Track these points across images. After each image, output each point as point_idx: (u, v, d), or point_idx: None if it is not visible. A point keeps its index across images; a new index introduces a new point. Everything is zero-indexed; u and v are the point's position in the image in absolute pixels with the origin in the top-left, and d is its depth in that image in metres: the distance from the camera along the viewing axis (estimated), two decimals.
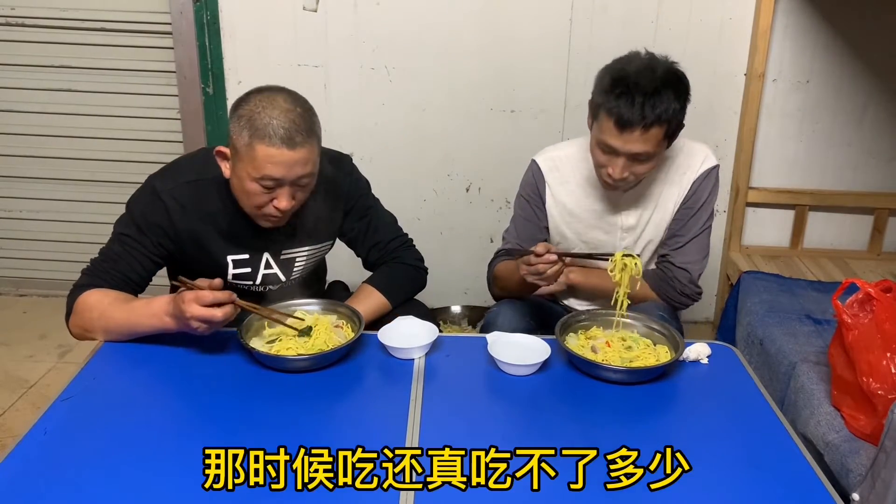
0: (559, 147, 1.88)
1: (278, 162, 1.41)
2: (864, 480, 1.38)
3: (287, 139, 1.40)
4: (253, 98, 1.44)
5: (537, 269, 1.59)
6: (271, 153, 1.40)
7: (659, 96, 1.57)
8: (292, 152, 1.41)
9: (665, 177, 1.80)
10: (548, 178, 1.84)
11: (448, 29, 2.61)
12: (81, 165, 2.90)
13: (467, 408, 1.37)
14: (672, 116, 1.60)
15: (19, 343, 2.73)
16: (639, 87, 1.57)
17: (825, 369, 1.76)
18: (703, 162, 1.79)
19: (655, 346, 1.54)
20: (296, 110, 1.43)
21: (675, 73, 1.63)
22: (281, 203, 1.46)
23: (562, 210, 1.84)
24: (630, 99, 1.56)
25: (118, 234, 1.57)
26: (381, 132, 2.74)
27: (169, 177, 1.58)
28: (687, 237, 1.81)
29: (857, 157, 2.73)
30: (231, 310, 1.38)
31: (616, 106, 1.58)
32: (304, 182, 1.48)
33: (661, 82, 1.58)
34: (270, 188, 1.45)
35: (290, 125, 1.40)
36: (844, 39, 2.58)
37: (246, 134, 1.41)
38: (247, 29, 2.64)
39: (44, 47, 2.75)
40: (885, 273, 2.62)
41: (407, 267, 1.77)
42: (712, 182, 1.80)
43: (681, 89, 1.62)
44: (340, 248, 1.83)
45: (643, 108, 1.56)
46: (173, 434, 1.27)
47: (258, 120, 1.40)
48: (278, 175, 1.43)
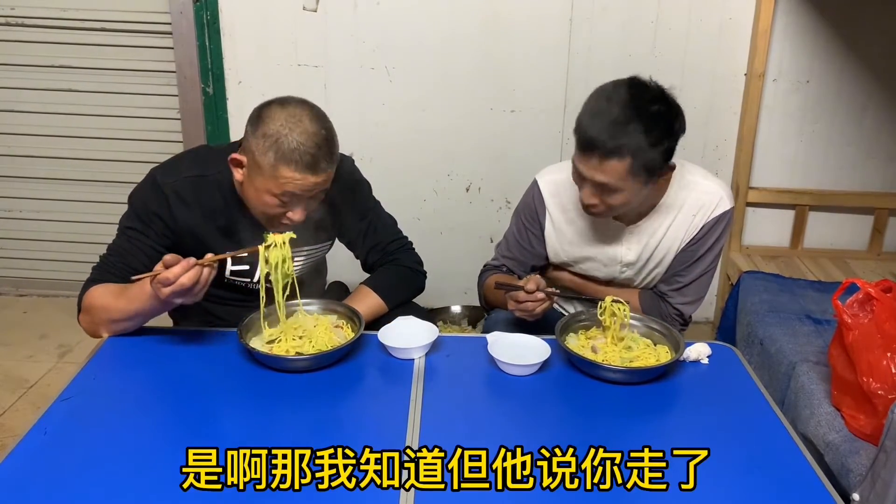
0: (562, 169, 1.75)
1: (300, 185, 1.45)
2: (864, 480, 1.38)
3: (312, 165, 1.43)
4: (277, 115, 1.44)
5: (526, 306, 1.57)
6: (295, 177, 1.44)
7: (624, 127, 1.46)
8: (315, 178, 1.45)
9: (674, 214, 1.68)
10: (548, 204, 1.74)
11: (448, 29, 2.61)
12: (81, 165, 2.90)
13: (467, 408, 1.37)
14: (637, 152, 1.47)
15: (19, 343, 2.73)
16: (609, 113, 1.48)
17: (825, 369, 1.76)
18: (717, 205, 1.66)
19: (655, 346, 1.54)
20: (321, 133, 1.45)
21: (657, 110, 1.49)
22: (296, 216, 1.51)
23: (561, 238, 1.76)
24: (596, 122, 1.48)
25: (123, 229, 1.58)
26: (381, 132, 2.74)
27: (171, 170, 1.59)
28: (687, 279, 1.73)
29: (857, 157, 2.73)
30: (196, 272, 1.37)
31: (583, 125, 1.51)
32: (319, 196, 1.53)
33: (634, 112, 1.47)
34: (287, 202, 1.48)
35: (315, 151, 1.43)
36: (844, 39, 2.58)
37: (272, 155, 1.43)
38: (247, 29, 2.64)
39: (44, 47, 2.75)
40: (885, 273, 2.63)
41: (405, 269, 1.77)
42: (723, 225, 1.68)
43: (657, 126, 1.48)
44: (340, 248, 1.83)
45: (604, 135, 1.47)
46: (173, 434, 1.27)
47: (284, 143, 1.42)
48: (299, 193, 1.47)
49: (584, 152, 1.52)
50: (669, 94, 1.54)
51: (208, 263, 1.40)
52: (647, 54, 2.60)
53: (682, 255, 1.71)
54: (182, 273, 1.35)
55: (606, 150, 1.47)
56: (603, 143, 1.47)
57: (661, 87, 1.54)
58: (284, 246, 1.46)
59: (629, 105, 1.48)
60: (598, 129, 1.48)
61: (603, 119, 1.48)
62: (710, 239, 1.69)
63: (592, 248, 1.75)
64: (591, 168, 1.52)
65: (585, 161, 1.52)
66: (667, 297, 1.76)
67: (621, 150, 1.47)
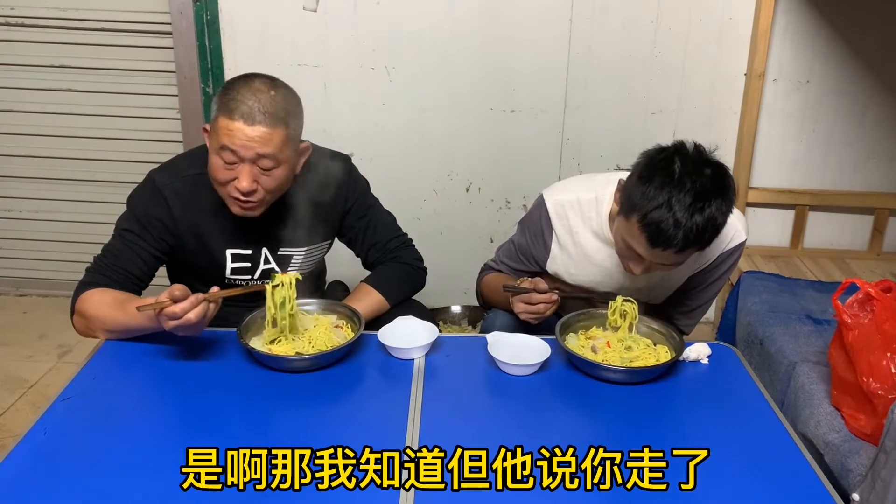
0: (570, 188, 1.68)
1: (234, 136, 1.44)
2: (864, 480, 1.38)
3: (247, 115, 1.44)
4: (234, 80, 1.49)
5: (538, 308, 1.55)
6: (230, 126, 1.44)
7: (703, 230, 1.37)
8: (250, 128, 1.44)
9: None
10: (555, 225, 1.67)
11: (448, 29, 2.61)
12: (81, 165, 2.90)
13: (467, 408, 1.37)
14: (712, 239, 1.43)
15: (19, 343, 2.73)
16: (683, 206, 1.36)
17: (825, 369, 1.76)
18: (732, 238, 1.62)
19: (655, 346, 1.54)
20: (268, 93, 1.46)
21: (724, 185, 1.40)
22: (241, 183, 1.47)
23: (566, 260, 1.70)
24: (670, 218, 1.36)
25: (120, 231, 1.57)
26: (381, 132, 2.74)
27: (169, 171, 1.59)
28: (695, 304, 1.73)
29: (857, 157, 2.73)
30: (203, 308, 1.37)
31: (651, 217, 1.38)
32: (266, 165, 1.48)
33: (709, 205, 1.37)
34: (230, 163, 1.46)
35: (254, 104, 1.44)
36: (844, 39, 2.58)
37: (215, 108, 1.47)
38: (247, 29, 2.64)
39: (44, 47, 2.74)
40: (885, 273, 2.62)
41: (405, 266, 1.77)
42: (737, 256, 1.65)
43: (729, 205, 1.40)
44: (340, 248, 1.83)
45: (681, 236, 1.37)
46: (173, 434, 1.27)
47: (228, 97, 1.45)
48: (233, 147, 1.44)
49: (653, 246, 1.40)
50: (718, 161, 1.43)
51: (214, 299, 1.40)
52: (647, 54, 2.60)
53: (693, 280, 1.69)
54: (190, 309, 1.35)
55: (684, 245, 1.39)
56: (683, 241, 1.38)
57: (711, 158, 1.42)
58: (291, 287, 1.47)
59: (702, 195, 1.36)
60: (675, 226, 1.36)
61: (678, 214, 1.36)
62: (722, 268, 1.67)
63: (599, 271, 1.68)
64: (657, 256, 1.44)
65: (651, 250, 1.42)
66: (674, 319, 1.76)
67: (701, 242, 1.41)
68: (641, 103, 2.67)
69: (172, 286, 1.36)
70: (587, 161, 2.74)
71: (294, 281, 1.48)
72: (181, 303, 1.34)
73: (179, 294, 1.34)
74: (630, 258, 1.51)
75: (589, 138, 2.72)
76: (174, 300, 1.34)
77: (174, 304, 1.34)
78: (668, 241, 1.38)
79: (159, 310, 1.36)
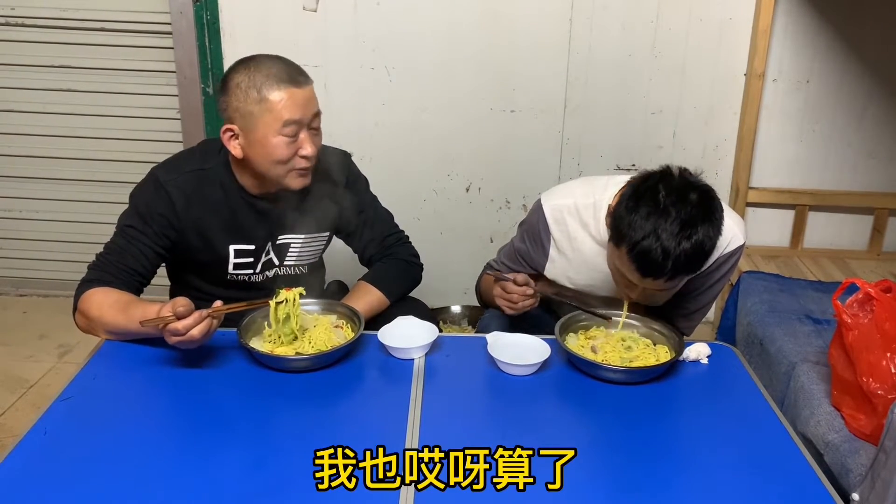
0: (568, 193, 1.67)
1: (295, 102, 1.47)
2: (864, 480, 1.38)
3: (292, 79, 1.48)
4: (237, 67, 1.51)
5: (511, 297, 1.57)
6: (284, 96, 1.46)
7: (690, 258, 1.38)
8: (301, 90, 1.48)
9: None
10: (553, 231, 1.66)
11: (448, 29, 2.61)
12: (81, 165, 2.90)
13: (467, 408, 1.37)
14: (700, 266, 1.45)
15: (19, 343, 2.73)
16: (670, 235, 1.35)
17: (825, 369, 1.76)
18: (730, 241, 1.60)
19: (655, 346, 1.54)
20: (280, 58, 1.51)
21: (712, 210, 1.40)
22: (307, 149, 1.51)
23: (565, 265, 1.68)
24: (657, 247, 1.36)
25: (122, 227, 1.57)
26: (381, 132, 2.74)
27: (172, 168, 1.59)
28: (693, 308, 1.71)
29: (857, 157, 2.73)
30: (206, 325, 1.36)
31: (640, 248, 1.38)
32: (316, 124, 1.55)
33: (696, 231, 1.37)
34: (293, 135, 1.49)
35: (287, 67, 1.49)
36: (844, 39, 2.58)
37: (254, 93, 1.47)
38: (247, 29, 2.63)
39: (44, 47, 2.75)
40: (885, 273, 2.62)
41: (402, 262, 1.78)
42: (735, 259, 1.64)
43: (718, 232, 1.41)
44: (339, 247, 1.84)
45: (670, 266, 1.37)
46: (173, 434, 1.27)
47: (258, 76, 1.47)
48: (298, 116, 1.48)
49: (644, 276, 1.41)
50: (704, 185, 1.43)
51: (217, 315, 1.40)
52: (647, 54, 2.61)
53: (692, 284, 1.67)
54: (193, 325, 1.34)
55: (673, 273, 1.39)
56: (673, 270, 1.38)
57: (697, 182, 1.42)
58: (295, 304, 1.47)
59: (688, 223, 1.36)
60: (664, 256, 1.36)
61: (665, 243, 1.36)
62: (720, 272, 1.66)
63: (598, 276, 1.66)
64: (649, 284, 1.45)
65: (641, 279, 1.43)
66: (674, 322, 1.74)
67: (689, 270, 1.42)
68: (641, 103, 2.67)
69: (175, 300, 1.35)
70: (587, 161, 2.74)
71: (297, 297, 1.48)
72: (185, 319, 1.34)
73: (183, 311, 1.33)
74: (624, 284, 1.53)
75: (589, 138, 2.72)
76: (178, 316, 1.33)
77: (178, 320, 1.34)
78: (659, 271, 1.39)
79: (163, 325, 1.35)
